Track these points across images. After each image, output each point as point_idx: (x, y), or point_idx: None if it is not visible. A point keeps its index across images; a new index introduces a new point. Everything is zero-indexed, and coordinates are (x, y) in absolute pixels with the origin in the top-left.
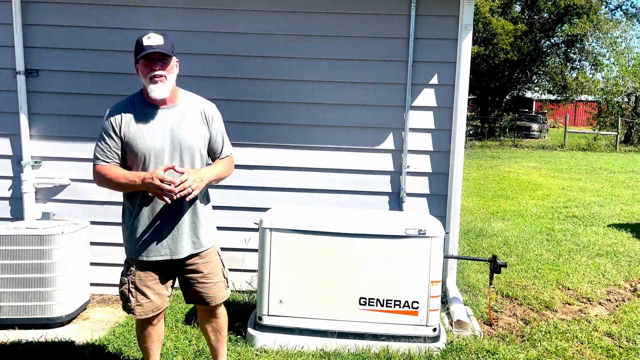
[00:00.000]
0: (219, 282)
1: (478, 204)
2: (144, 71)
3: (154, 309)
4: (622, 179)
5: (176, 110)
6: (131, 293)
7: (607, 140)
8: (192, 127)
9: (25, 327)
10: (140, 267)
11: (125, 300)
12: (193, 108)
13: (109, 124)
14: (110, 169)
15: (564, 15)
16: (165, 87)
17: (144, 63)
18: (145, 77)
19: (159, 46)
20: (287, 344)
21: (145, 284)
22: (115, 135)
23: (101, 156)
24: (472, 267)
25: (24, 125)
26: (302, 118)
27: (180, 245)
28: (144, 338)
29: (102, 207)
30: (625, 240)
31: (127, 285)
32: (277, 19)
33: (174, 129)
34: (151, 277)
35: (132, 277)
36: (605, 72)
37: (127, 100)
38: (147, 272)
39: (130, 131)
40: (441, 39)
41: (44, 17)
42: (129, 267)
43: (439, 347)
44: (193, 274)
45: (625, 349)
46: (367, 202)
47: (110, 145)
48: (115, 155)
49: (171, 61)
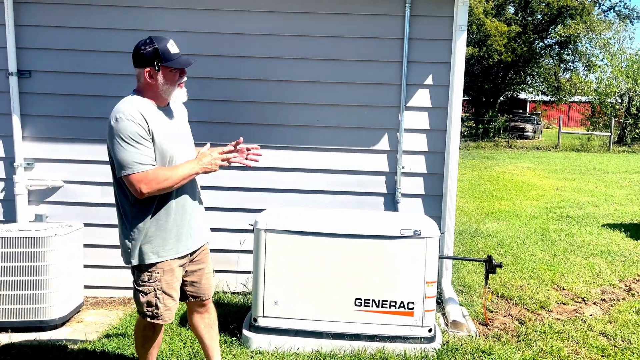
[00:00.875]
0: (213, 273)
1: (473, 204)
2: (170, 78)
3: (176, 310)
4: (615, 179)
5: (173, 111)
6: (158, 299)
7: (600, 141)
8: (186, 123)
9: (19, 330)
10: (164, 270)
11: (153, 308)
12: (180, 108)
13: (140, 128)
14: (164, 171)
15: (557, 16)
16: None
17: (175, 71)
18: (173, 84)
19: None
20: (283, 346)
21: (172, 286)
22: (150, 137)
23: (145, 161)
24: (467, 267)
25: (17, 126)
26: (296, 119)
27: (199, 234)
28: (149, 343)
29: (95, 208)
30: (620, 240)
31: (154, 293)
32: (271, 20)
33: (180, 126)
34: (175, 278)
35: (157, 283)
36: (598, 73)
37: (138, 104)
38: (172, 274)
39: (157, 133)
40: (435, 40)
41: (36, 18)
42: (151, 274)
43: (435, 348)
44: (200, 264)
45: (620, 349)
46: (362, 202)
47: (148, 147)
48: (153, 157)
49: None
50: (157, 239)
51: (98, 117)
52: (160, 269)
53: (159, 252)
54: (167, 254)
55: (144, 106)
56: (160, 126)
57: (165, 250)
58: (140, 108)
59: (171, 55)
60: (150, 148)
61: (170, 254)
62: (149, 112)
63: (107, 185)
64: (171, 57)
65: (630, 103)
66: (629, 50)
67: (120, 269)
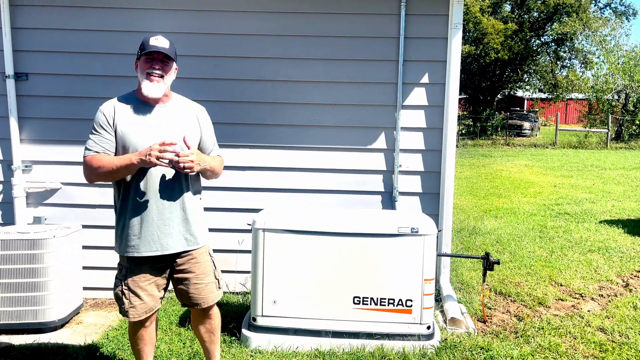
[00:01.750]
0: (210, 283)
1: (471, 202)
2: (142, 67)
3: (146, 310)
4: (613, 176)
5: (169, 109)
6: (124, 295)
7: (597, 138)
8: (185, 127)
9: (18, 332)
10: (132, 267)
11: (120, 302)
12: (185, 108)
13: (103, 117)
14: (102, 157)
15: (554, 14)
16: (159, 87)
17: (146, 60)
18: (142, 73)
19: (164, 48)
20: (282, 345)
21: (138, 284)
22: (110, 128)
23: (92, 147)
24: (465, 265)
25: (14, 129)
26: (293, 118)
27: (172, 240)
28: (136, 341)
29: (93, 210)
30: (617, 236)
31: (120, 288)
32: (267, 20)
33: (167, 127)
34: (144, 277)
35: (124, 279)
36: (595, 70)
37: (121, 97)
38: (140, 273)
39: (124, 125)
40: (431, 38)
41: (32, 21)
42: (121, 268)
43: (433, 345)
44: (185, 274)
45: (618, 344)
46: (360, 201)
47: (103, 137)
48: (108, 146)
49: (171, 65)
50: (124, 233)
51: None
52: (128, 265)
53: (124, 247)
54: (130, 250)
55: (124, 99)
56: (130, 120)
57: (129, 247)
58: (118, 100)
59: (147, 45)
60: (107, 138)
61: (132, 251)
62: (125, 105)
63: (105, 187)
64: (146, 47)
65: (627, 99)
66: (626, 47)
67: None
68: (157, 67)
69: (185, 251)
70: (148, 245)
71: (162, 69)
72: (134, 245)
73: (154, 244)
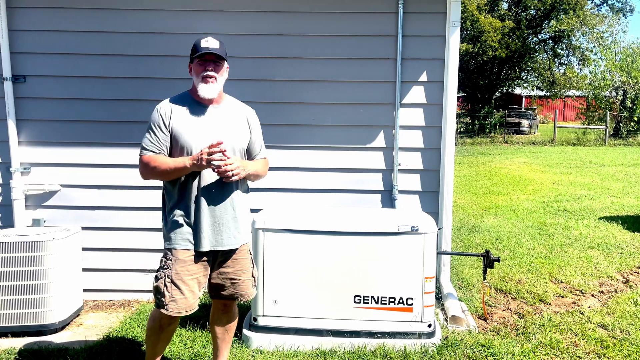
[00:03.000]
0: (248, 280)
1: (470, 200)
2: (197, 70)
3: (186, 307)
4: (611, 172)
5: (221, 110)
6: (166, 287)
7: (596, 135)
8: (236, 128)
9: (19, 334)
10: (178, 260)
11: (160, 295)
12: (237, 110)
13: (159, 116)
14: (158, 158)
15: (551, 11)
16: (214, 87)
17: (199, 63)
18: (198, 76)
19: (215, 49)
20: (283, 344)
21: (182, 278)
22: (165, 127)
23: (149, 147)
24: (465, 262)
25: (12, 131)
26: (292, 118)
27: (222, 237)
28: (157, 338)
29: (93, 212)
30: (617, 232)
31: (163, 280)
32: (266, 20)
33: (219, 127)
34: (187, 272)
35: (168, 270)
36: (592, 67)
37: (177, 97)
38: (185, 266)
39: (179, 125)
40: (429, 36)
41: (30, 23)
42: (166, 261)
43: (435, 343)
44: (225, 268)
45: (619, 340)
46: (360, 200)
47: (159, 137)
48: (164, 146)
49: (223, 65)
50: (175, 226)
51: (94, 121)
52: (174, 257)
53: (174, 240)
54: (180, 243)
55: (180, 99)
56: (185, 120)
57: (179, 240)
58: (174, 100)
59: (199, 47)
60: (162, 137)
61: (182, 245)
62: (181, 105)
63: (104, 189)
64: (198, 50)
65: (625, 96)
66: (623, 44)
67: (119, 272)
68: (210, 68)
69: (233, 249)
70: (199, 242)
71: (214, 70)
72: (185, 239)
73: (205, 241)
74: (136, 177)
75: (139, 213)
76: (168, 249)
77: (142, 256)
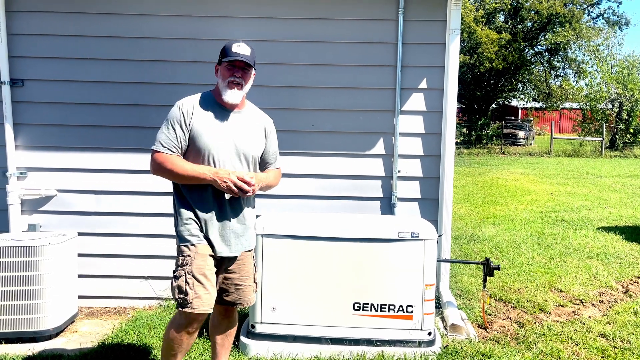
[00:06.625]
0: (250, 286)
1: (468, 209)
2: (224, 74)
3: (211, 304)
4: (609, 184)
5: (242, 116)
6: (188, 284)
7: (592, 146)
8: (254, 135)
9: (12, 341)
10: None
11: (182, 294)
12: (256, 118)
13: (180, 113)
14: (175, 161)
15: (547, 24)
16: (239, 94)
17: (227, 67)
18: (224, 80)
19: (246, 56)
20: (281, 352)
21: (203, 272)
22: (185, 125)
23: (166, 144)
24: (464, 271)
25: (9, 135)
26: (291, 124)
27: (232, 243)
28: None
29: (89, 217)
30: (615, 242)
31: (183, 277)
32: (266, 26)
33: (238, 133)
34: (207, 266)
35: (187, 267)
36: (588, 79)
37: (200, 96)
38: (204, 259)
39: (199, 125)
40: (429, 44)
41: (29, 27)
42: (183, 258)
43: (435, 352)
44: (230, 274)
45: (620, 349)
46: (359, 207)
47: (177, 135)
48: (181, 146)
49: (251, 72)
50: (192, 223)
51: (91, 125)
52: (193, 252)
53: (192, 235)
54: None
55: (203, 99)
56: (206, 121)
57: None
58: (197, 99)
59: (229, 52)
60: (180, 135)
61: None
62: (203, 105)
63: (101, 194)
64: (228, 54)
65: (621, 108)
66: (619, 56)
67: (114, 279)
68: (239, 75)
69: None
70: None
71: (242, 77)
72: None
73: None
74: (133, 182)
75: (136, 219)
76: (185, 245)
77: (138, 263)
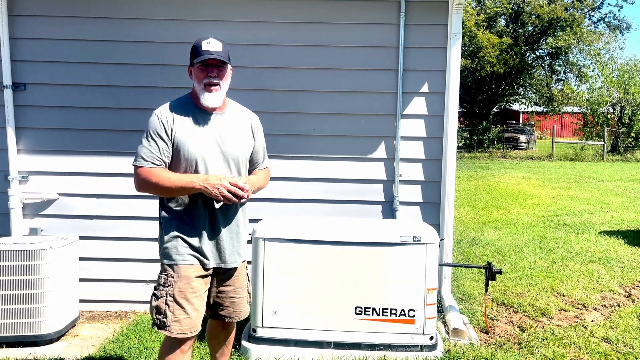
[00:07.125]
0: (244, 297)
1: (470, 213)
2: (198, 76)
3: (191, 328)
4: (610, 188)
5: (226, 118)
6: (168, 307)
7: (594, 150)
8: (240, 137)
9: (13, 345)
10: (181, 277)
11: (162, 316)
12: (241, 118)
13: (160, 124)
14: (161, 173)
15: (548, 28)
16: (219, 96)
17: (200, 68)
18: (200, 83)
19: (218, 52)
20: (283, 356)
21: (185, 296)
22: (167, 137)
23: (149, 158)
24: (466, 275)
25: (11, 139)
26: (292, 128)
27: (226, 254)
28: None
29: (91, 221)
30: (617, 246)
31: (164, 299)
32: (267, 30)
33: (224, 136)
34: (191, 289)
35: (170, 288)
36: (590, 83)
37: (177, 102)
38: (189, 283)
39: (182, 135)
40: (430, 48)
41: (31, 31)
42: (167, 278)
43: (437, 356)
44: (224, 286)
45: (623, 354)
46: (360, 211)
47: (160, 147)
48: (165, 157)
49: (227, 69)
50: (177, 241)
51: (93, 129)
52: (176, 274)
53: (176, 255)
54: (184, 258)
55: (181, 105)
56: (188, 128)
57: (181, 255)
58: (175, 106)
59: (200, 50)
60: (163, 147)
61: (186, 260)
62: (183, 112)
63: (102, 198)
64: (199, 53)
65: (622, 112)
66: (620, 60)
67: (116, 283)
68: (214, 74)
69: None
70: (204, 258)
71: (218, 76)
72: (189, 254)
73: (210, 257)
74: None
75: (137, 223)
76: (168, 265)
77: (140, 266)
